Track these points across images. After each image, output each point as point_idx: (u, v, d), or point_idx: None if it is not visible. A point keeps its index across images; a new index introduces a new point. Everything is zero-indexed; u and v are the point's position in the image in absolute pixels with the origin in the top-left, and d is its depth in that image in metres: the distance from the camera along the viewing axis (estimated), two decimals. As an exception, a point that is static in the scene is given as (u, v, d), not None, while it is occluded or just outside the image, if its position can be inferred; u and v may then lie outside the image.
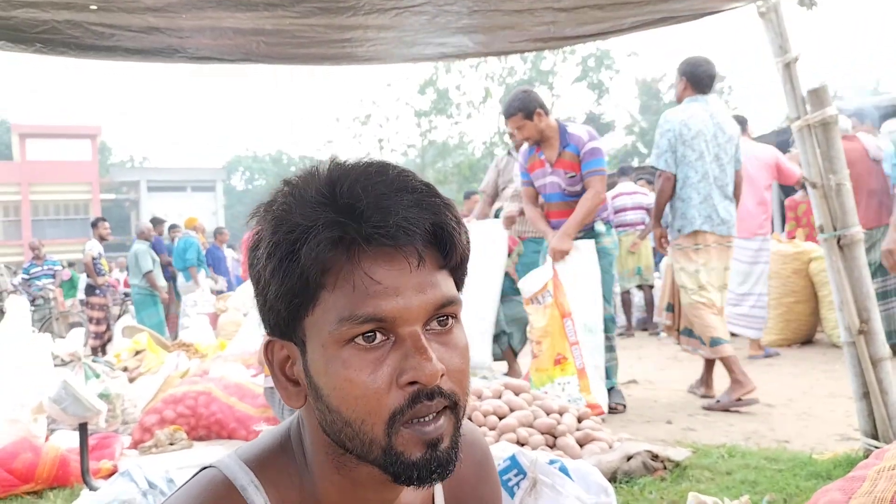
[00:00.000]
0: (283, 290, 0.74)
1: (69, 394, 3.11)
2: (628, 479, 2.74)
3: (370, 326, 0.72)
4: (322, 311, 0.73)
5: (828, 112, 2.75)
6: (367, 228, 0.71)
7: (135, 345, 6.98)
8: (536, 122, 4.24)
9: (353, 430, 0.74)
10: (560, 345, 4.04)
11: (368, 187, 0.73)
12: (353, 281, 0.72)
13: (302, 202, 0.74)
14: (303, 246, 0.72)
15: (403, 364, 0.73)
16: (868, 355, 2.72)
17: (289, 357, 0.79)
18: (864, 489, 1.73)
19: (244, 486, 0.80)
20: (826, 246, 2.79)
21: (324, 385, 0.74)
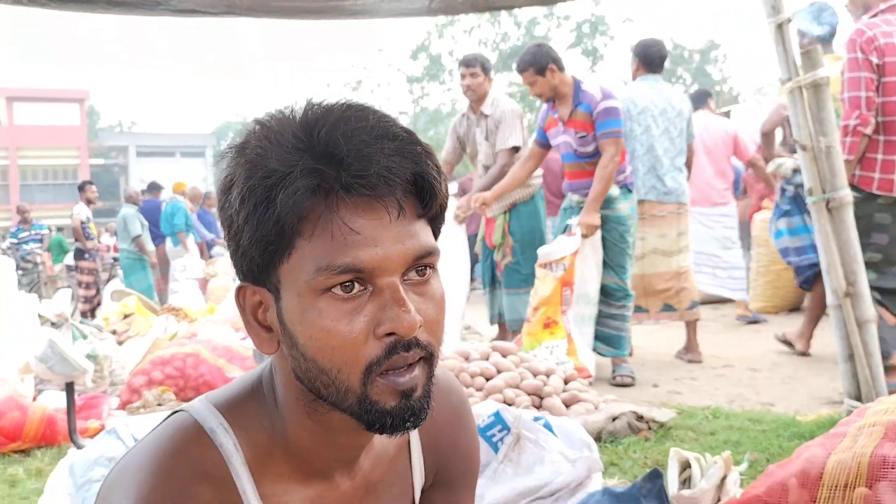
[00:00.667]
0: (257, 237, 0.72)
1: (55, 352, 3.11)
2: (613, 439, 2.77)
3: (348, 277, 0.71)
4: (298, 260, 0.72)
5: (819, 74, 2.74)
6: (346, 177, 0.69)
7: (123, 308, 6.98)
8: (549, 79, 4.10)
9: (329, 378, 0.74)
10: (553, 310, 4.04)
11: (348, 133, 0.71)
12: (332, 230, 0.70)
13: (278, 146, 0.72)
14: (279, 192, 0.69)
15: (381, 315, 0.72)
16: (854, 317, 2.74)
17: (261, 303, 0.77)
18: (844, 445, 1.74)
19: (213, 429, 0.80)
20: (815, 209, 2.80)
21: (299, 333, 0.74)
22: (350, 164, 0.70)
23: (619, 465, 2.54)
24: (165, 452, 0.78)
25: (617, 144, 4.01)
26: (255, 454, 0.81)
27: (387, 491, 0.93)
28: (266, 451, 0.81)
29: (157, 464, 0.77)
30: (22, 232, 11.57)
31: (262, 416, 0.82)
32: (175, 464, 0.77)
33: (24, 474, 2.94)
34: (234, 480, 0.79)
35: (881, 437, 1.70)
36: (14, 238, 11.59)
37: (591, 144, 4.09)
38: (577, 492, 1.93)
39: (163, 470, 0.76)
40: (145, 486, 0.75)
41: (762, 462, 2.45)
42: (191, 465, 0.77)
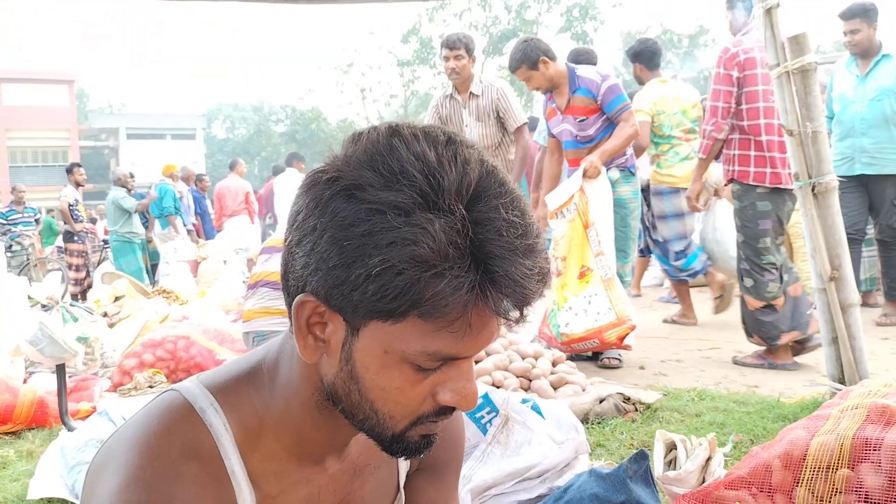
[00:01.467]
0: (378, 302, 0.69)
1: (45, 335, 3.11)
2: (600, 421, 2.80)
3: (442, 363, 0.74)
4: (404, 330, 0.71)
5: (807, 59, 2.74)
6: (499, 300, 0.70)
7: (114, 291, 6.97)
8: (543, 71, 4.09)
9: (377, 417, 0.77)
10: (584, 256, 3.83)
11: (512, 246, 0.69)
12: (456, 329, 0.70)
13: (444, 232, 0.67)
14: (428, 287, 0.67)
15: (447, 384, 0.76)
16: (838, 301, 2.76)
17: (327, 321, 0.75)
18: (827, 427, 1.77)
19: (203, 409, 0.81)
20: (801, 193, 2.81)
21: (368, 380, 0.75)
22: (507, 288, 0.69)
23: (605, 445, 2.57)
24: (154, 430, 0.79)
25: (633, 115, 4.04)
26: (245, 435, 0.81)
27: (373, 474, 0.94)
28: (256, 433, 0.82)
29: (146, 442, 0.77)
30: (13, 213, 11.39)
31: (255, 400, 0.83)
32: (164, 441, 0.78)
33: (14, 456, 2.95)
34: (222, 459, 0.79)
35: (863, 419, 1.73)
36: (4, 219, 11.42)
37: (592, 127, 4.10)
38: (564, 473, 1.96)
39: (151, 448, 0.77)
40: (134, 464, 0.75)
41: (746, 443, 2.49)
42: (179, 442, 0.78)
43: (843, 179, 4.20)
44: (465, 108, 4.75)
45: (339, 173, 0.72)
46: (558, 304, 3.86)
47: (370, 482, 0.94)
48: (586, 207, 3.89)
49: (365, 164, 0.71)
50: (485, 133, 4.74)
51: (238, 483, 0.80)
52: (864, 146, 4.83)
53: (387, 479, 0.98)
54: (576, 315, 3.76)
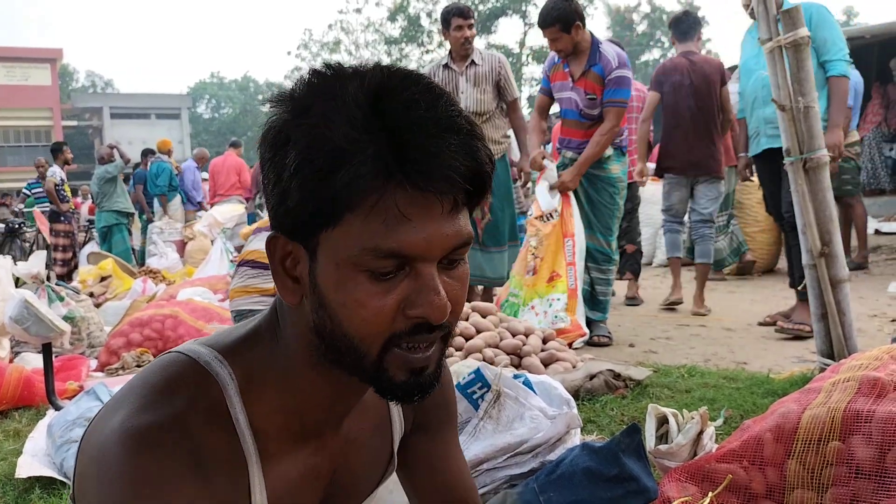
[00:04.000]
0: (307, 204, 0.71)
1: (31, 313, 3.08)
2: (591, 397, 2.80)
3: (391, 262, 0.72)
4: (344, 233, 0.71)
5: (799, 33, 2.73)
6: (411, 170, 0.69)
7: (100, 270, 6.93)
8: (573, 36, 4.03)
9: (351, 343, 0.75)
10: (557, 263, 3.99)
11: (418, 120, 0.70)
12: (385, 216, 0.70)
13: (344, 118, 0.70)
14: (341, 171, 0.68)
15: (414, 297, 0.74)
16: (828, 277, 2.76)
17: (292, 254, 0.77)
18: (818, 400, 1.77)
19: (208, 361, 0.81)
20: (791, 169, 2.81)
21: (331, 299, 0.74)
22: (417, 158, 0.69)
23: (596, 421, 2.57)
24: (162, 377, 0.79)
25: (619, 115, 4.02)
26: (249, 387, 0.81)
27: (367, 441, 0.94)
28: (260, 387, 0.81)
29: (154, 386, 0.77)
30: (37, 186, 10.96)
31: (257, 359, 0.82)
32: (171, 386, 0.78)
33: (1, 435, 2.93)
34: (227, 406, 0.79)
35: (855, 391, 1.74)
36: (28, 190, 11.13)
37: (597, 108, 4.08)
38: (556, 447, 1.96)
39: (160, 391, 0.77)
40: (141, 401, 0.75)
41: (737, 419, 2.49)
42: (186, 387, 0.78)
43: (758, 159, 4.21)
44: (461, 76, 4.72)
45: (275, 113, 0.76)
46: (523, 299, 3.99)
47: (364, 449, 0.94)
48: (569, 218, 4.03)
49: (289, 94, 0.76)
50: (480, 99, 4.72)
51: (243, 432, 0.80)
52: (768, 116, 4.09)
53: (381, 447, 0.98)
54: (535, 315, 3.91)
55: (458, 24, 4.68)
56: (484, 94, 4.71)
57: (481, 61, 4.74)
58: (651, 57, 35.08)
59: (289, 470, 0.85)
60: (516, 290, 4.08)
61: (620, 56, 4.08)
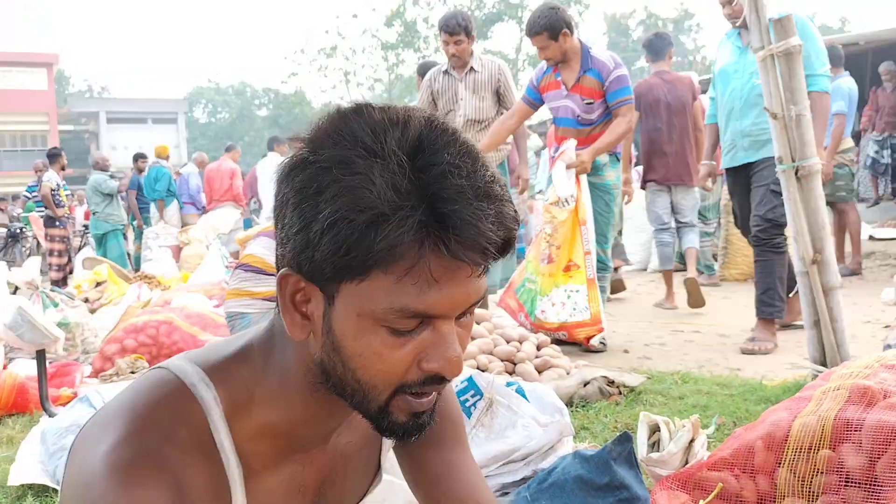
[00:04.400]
0: (336, 258, 0.70)
1: (25, 320, 3.08)
2: (584, 404, 2.81)
3: (415, 321, 0.73)
4: (370, 287, 0.71)
5: (791, 42, 2.75)
6: (452, 241, 0.69)
7: (95, 276, 6.91)
8: (562, 43, 4.05)
9: (361, 388, 0.76)
10: (574, 252, 3.89)
11: (459, 188, 0.69)
12: (418, 278, 0.70)
13: (387, 181, 0.68)
14: (380, 234, 0.68)
15: (432, 352, 0.75)
16: (820, 284, 2.78)
17: (304, 293, 0.76)
18: (809, 408, 1.78)
19: (193, 383, 0.80)
20: (784, 177, 2.82)
21: (347, 347, 0.75)
22: (457, 226, 0.69)
23: (590, 428, 2.58)
24: (144, 401, 0.79)
25: (631, 111, 4.06)
26: (235, 411, 0.81)
27: (356, 453, 0.95)
28: (246, 409, 0.82)
29: (136, 410, 0.77)
30: (35, 189, 10.82)
31: (246, 378, 0.82)
32: (154, 411, 0.78)
33: (-5, 442, 2.93)
34: (211, 432, 0.79)
35: (845, 400, 1.74)
36: (28, 192, 11.01)
37: (596, 111, 4.09)
38: (548, 455, 1.96)
39: (142, 415, 0.77)
40: (125, 428, 0.75)
41: (729, 426, 2.50)
42: (170, 412, 0.78)
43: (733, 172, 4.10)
44: (461, 83, 4.72)
45: (301, 150, 0.75)
46: (542, 289, 3.87)
47: (352, 461, 0.94)
48: (582, 204, 3.95)
49: (321, 136, 0.74)
50: (479, 106, 4.73)
51: (227, 456, 0.80)
52: (745, 128, 4.01)
53: (368, 458, 0.98)
54: (553, 305, 3.83)
55: (444, 40, 4.71)
56: (483, 101, 4.72)
57: (481, 68, 4.75)
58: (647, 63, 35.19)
59: (274, 488, 0.85)
60: (533, 275, 3.97)
61: (614, 57, 4.11)
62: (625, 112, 4.03)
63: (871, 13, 52.47)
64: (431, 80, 4.87)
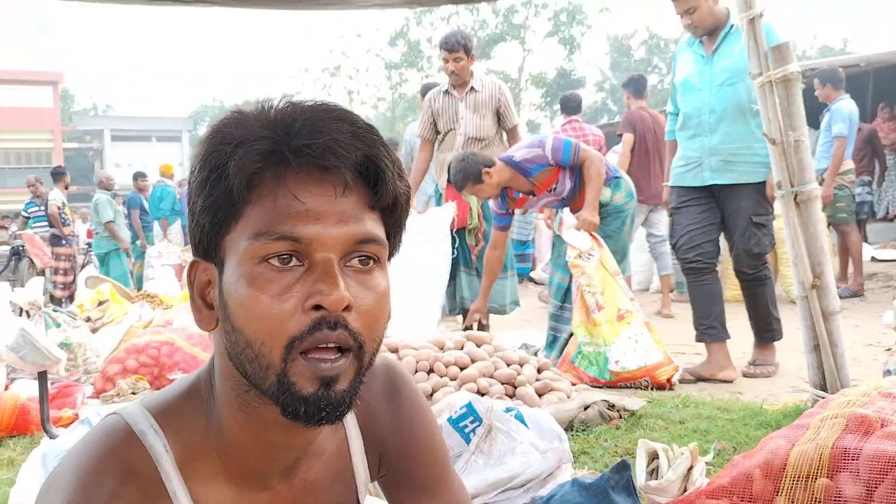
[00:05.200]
0: (208, 203, 0.74)
1: (27, 341, 3.08)
2: (584, 428, 2.81)
3: (285, 246, 0.72)
4: (242, 227, 0.74)
5: (789, 69, 2.77)
6: (296, 142, 0.72)
7: (98, 295, 6.92)
8: (488, 181, 4.06)
9: (253, 351, 0.73)
10: (619, 300, 3.85)
11: (308, 111, 0.74)
12: (276, 197, 0.72)
13: (241, 120, 0.76)
14: (232, 157, 0.72)
15: (311, 288, 0.72)
16: (820, 309, 2.79)
17: (209, 281, 0.79)
18: (807, 436, 1.79)
19: (143, 431, 0.79)
20: (783, 202, 2.84)
21: (232, 302, 0.74)
22: (301, 132, 0.72)
23: (590, 453, 2.57)
24: (93, 455, 0.78)
25: (587, 149, 4.06)
26: (187, 456, 0.80)
27: (327, 490, 0.90)
28: (199, 452, 0.80)
29: (84, 466, 0.77)
30: (32, 206, 10.50)
31: (196, 417, 0.81)
32: (102, 465, 0.77)
33: (-5, 464, 2.93)
34: (163, 482, 0.78)
35: (843, 429, 1.75)
36: (24, 211, 10.65)
37: (566, 185, 4.10)
38: (547, 482, 1.96)
39: (89, 472, 0.76)
40: (72, 489, 0.75)
41: (729, 451, 2.50)
42: (118, 466, 0.77)
43: (688, 191, 3.87)
44: (461, 102, 4.79)
45: None
46: (606, 340, 3.74)
47: (323, 499, 0.90)
48: (608, 259, 3.97)
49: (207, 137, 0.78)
50: (480, 125, 4.79)
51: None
52: (715, 146, 3.73)
53: (343, 495, 0.92)
54: (624, 353, 3.69)
55: (444, 58, 4.82)
56: (483, 119, 4.78)
57: (481, 88, 4.83)
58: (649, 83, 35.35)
59: None
60: (587, 337, 3.82)
61: (532, 144, 4.12)
62: (584, 156, 4.01)
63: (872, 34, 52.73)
64: (431, 100, 4.94)
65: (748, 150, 3.66)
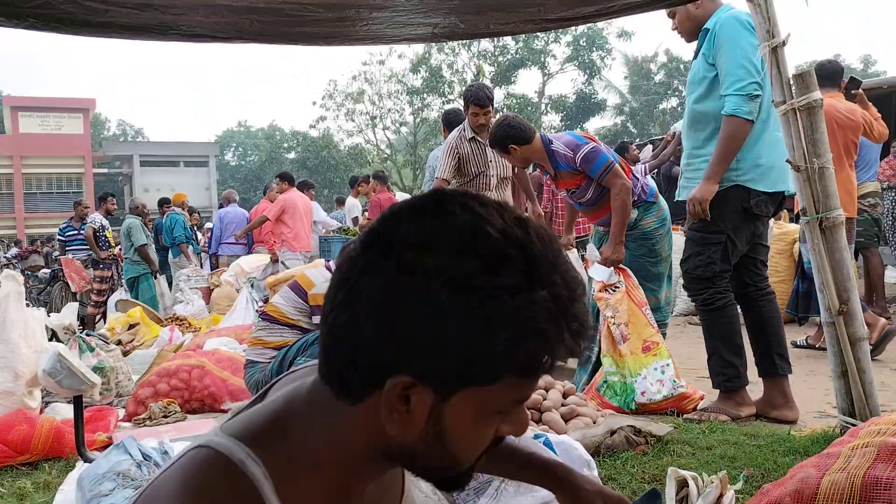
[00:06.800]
0: (481, 367, 0.76)
1: (64, 367, 3.15)
2: (611, 454, 2.81)
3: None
4: (497, 389, 0.78)
5: (813, 96, 2.80)
6: (577, 345, 0.80)
7: (129, 318, 7.03)
8: (514, 155, 4.21)
9: (453, 462, 0.84)
10: (646, 331, 3.84)
11: (579, 298, 0.80)
12: (537, 378, 0.82)
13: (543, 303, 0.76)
14: (539, 350, 0.77)
15: (510, 419, 0.84)
16: (847, 335, 2.78)
17: (408, 392, 0.78)
18: (837, 465, 1.79)
19: (242, 460, 0.82)
20: (808, 228, 2.85)
21: (457, 436, 0.81)
22: (581, 336, 0.80)
23: (617, 479, 2.58)
24: (200, 483, 0.80)
25: (617, 174, 3.98)
26: (282, 483, 0.83)
27: (387, 489, 1.01)
28: (293, 480, 0.84)
29: (194, 495, 0.79)
30: (70, 230, 10.52)
31: (289, 450, 0.85)
32: (210, 493, 0.79)
33: (31, 487, 2.98)
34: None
35: (874, 458, 1.75)
36: (61, 235, 10.71)
37: (587, 193, 4.13)
38: (575, 508, 1.97)
39: (199, 499, 0.78)
40: None
41: (758, 478, 2.50)
42: (226, 494, 0.79)
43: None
44: (488, 148, 4.91)
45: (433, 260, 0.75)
46: (632, 371, 3.73)
47: (384, 490, 1.00)
48: (635, 289, 3.95)
49: (454, 248, 0.76)
50: (505, 164, 5.07)
51: None
52: (684, 159, 3.68)
53: (394, 477, 1.04)
54: (652, 385, 3.68)
55: (474, 111, 5.02)
56: (505, 162, 4.99)
57: None
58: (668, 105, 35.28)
59: None
60: (612, 367, 3.81)
61: (569, 142, 4.09)
62: (612, 181, 3.98)
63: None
64: (458, 146, 5.09)
65: (691, 166, 3.54)
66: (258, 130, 51.67)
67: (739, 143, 3.25)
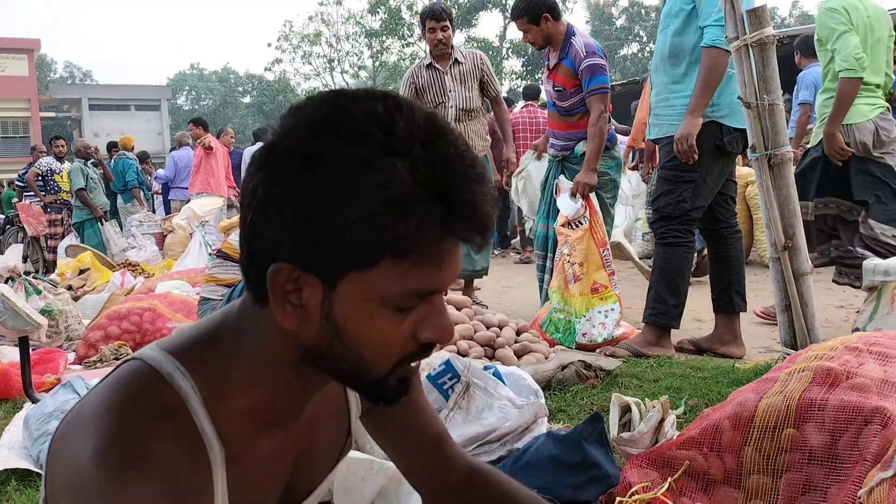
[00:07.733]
0: (353, 250, 0.73)
1: (7, 307, 3.09)
2: (562, 387, 2.86)
3: (420, 299, 0.78)
4: (380, 273, 0.74)
5: (766, 32, 2.80)
6: (463, 227, 0.74)
7: (79, 263, 6.90)
8: (542, 28, 4.05)
9: (363, 365, 0.80)
10: (598, 274, 3.84)
11: (465, 174, 0.75)
12: (430, 262, 0.75)
13: (403, 172, 0.72)
14: (405, 226, 0.72)
15: (426, 322, 0.79)
16: (791, 269, 2.85)
17: (297, 283, 0.77)
18: (775, 389, 1.84)
19: (170, 373, 0.81)
20: (757, 165, 2.88)
21: (352, 330, 0.78)
22: (468, 215, 0.74)
23: (566, 411, 2.63)
24: (125, 396, 0.79)
25: (603, 101, 3.95)
26: (212, 396, 0.83)
27: (325, 423, 0.98)
28: (222, 394, 0.83)
29: (119, 406, 0.78)
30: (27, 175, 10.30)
31: (220, 363, 0.84)
32: (137, 405, 0.78)
33: (-22, 428, 2.94)
34: (193, 419, 0.81)
35: (809, 381, 1.80)
36: (19, 180, 10.53)
37: (568, 101, 4.07)
38: (523, 436, 2.01)
39: (125, 411, 0.77)
40: (110, 427, 0.76)
41: (701, 407, 2.56)
42: (151, 405, 0.79)
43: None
44: (447, 75, 4.77)
45: (295, 143, 0.75)
46: (577, 311, 3.78)
47: (324, 431, 0.98)
48: (598, 226, 3.90)
49: (319, 129, 0.75)
50: (468, 97, 4.80)
51: (209, 440, 0.81)
52: (652, 99, 3.64)
53: (338, 426, 1.02)
54: (594, 327, 3.73)
55: (430, 27, 4.75)
56: (471, 90, 4.80)
57: (464, 59, 4.83)
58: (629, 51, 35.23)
59: (252, 465, 0.87)
60: (560, 304, 3.86)
61: (589, 45, 4.02)
62: (595, 103, 3.94)
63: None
64: (414, 76, 4.89)
65: (665, 101, 3.52)
66: (212, 73, 50.40)
67: (720, 75, 3.24)
